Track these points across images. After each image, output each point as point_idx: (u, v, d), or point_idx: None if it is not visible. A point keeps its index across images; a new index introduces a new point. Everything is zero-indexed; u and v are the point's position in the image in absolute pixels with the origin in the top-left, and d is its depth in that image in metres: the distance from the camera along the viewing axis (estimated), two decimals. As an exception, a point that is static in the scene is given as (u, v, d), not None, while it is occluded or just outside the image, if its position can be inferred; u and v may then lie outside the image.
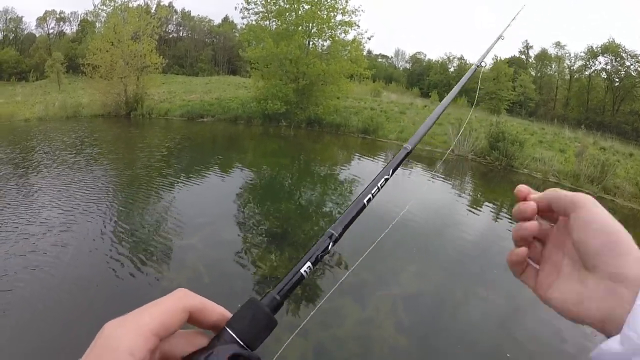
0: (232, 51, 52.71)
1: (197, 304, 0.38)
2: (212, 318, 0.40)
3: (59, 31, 61.22)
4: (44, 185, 8.99)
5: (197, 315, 0.39)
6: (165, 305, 0.36)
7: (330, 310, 4.81)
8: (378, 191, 0.60)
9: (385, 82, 46.77)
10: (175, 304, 0.37)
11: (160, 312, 0.35)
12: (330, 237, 0.51)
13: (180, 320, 0.37)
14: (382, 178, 0.62)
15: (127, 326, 0.33)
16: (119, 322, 0.33)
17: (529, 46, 51.77)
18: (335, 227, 0.52)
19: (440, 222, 8.78)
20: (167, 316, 0.35)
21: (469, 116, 22.61)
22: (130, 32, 21.86)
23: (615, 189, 12.97)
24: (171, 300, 0.37)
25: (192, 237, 6.58)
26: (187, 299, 0.38)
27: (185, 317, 0.37)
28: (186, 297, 0.38)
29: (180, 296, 0.38)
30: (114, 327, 0.33)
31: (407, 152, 0.71)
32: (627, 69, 39.99)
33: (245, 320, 0.39)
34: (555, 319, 5.27)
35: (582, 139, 21.73)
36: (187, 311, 0.37)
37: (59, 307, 4.57)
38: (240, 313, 0.40)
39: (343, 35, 21.45)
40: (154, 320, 0.34)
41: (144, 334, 0.33)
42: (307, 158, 14.82)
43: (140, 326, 0.33)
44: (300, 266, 0.47)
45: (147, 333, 0.33)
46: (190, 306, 0.38)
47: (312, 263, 0.47)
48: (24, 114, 20.50)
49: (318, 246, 0.49)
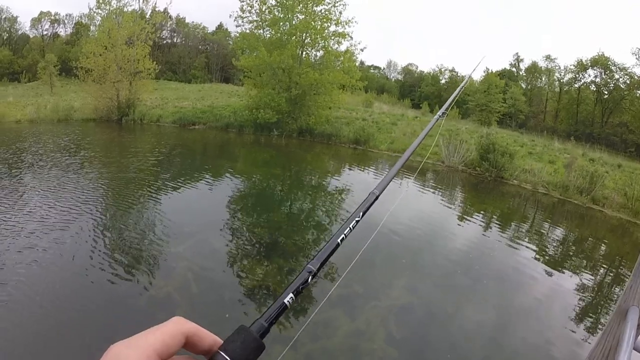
0: (226, 59, 52.74)
1: (192, 330, 0.42)
2: (205, 343, 0.43)
3: (53, 33, 60.68)
4: (32, 190, 8.84)
5: (191, 339, 0.42)
6: (166, 329, 0.40)
7: (320, 322, 4.77)
8: (350, 232, 0.69)
9: (377, 93, 47.11)
10: (175, 328, 0.41)
11: (162, 335, 0.39)
12: (309, 272, 0.58)
13: (179, 343, 0.40)
14: (354, 220, 0.71)
15: (133, 346, 0.36)
16: (124, 344, 0.36)
17: (519, 59, 52.64)
18: (313, 263, 0.59)
19: (431, 233, 8.79)
20: (168, 338, 0.39)
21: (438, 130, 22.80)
22: (125, 37, 21.82)
23: (604, 200, 13.15)
24: (170, 325, 0.41)
25: (181, 246, 6.50)
26: (184, 325, 0.42)
27: (182, 340, 0.41)
28: (183, 323, 0.42)
29: (178, 322, 0.42)
30: (120, 348, 0.36)
31: (375, 197, 0.83)
32: (616, 82, 40.74)
33: (236, 344, 0.43)
34: (546, 329, 5.29)
35: (572, 150, 22.04)
36: (184, 335, 0.41)
37: (47, 316, 4.46)
38: (232, 338, 0.44)
39: (336, 46, 21.66)
40: (157, 342, 0.38)
41: (148, 354, 0.36)
42: (298, 168, 14.81)
43: (145, 346, 0.37)
44: (284, 297, 0.52)
45: (150, 352, 0.36)
46: (186, 331, 0.42)
47: (294, 294, 0.53)
48: (15, 115, 20.29)
49: (298, 279, 0.56)
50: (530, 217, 11.51)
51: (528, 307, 5.86)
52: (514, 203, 13.00)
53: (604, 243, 10.12)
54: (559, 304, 6.14)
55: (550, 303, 6.12)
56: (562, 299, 6.29)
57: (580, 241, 10.02)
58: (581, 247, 9.61)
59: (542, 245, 9.01)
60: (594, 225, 11.62)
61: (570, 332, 5.32)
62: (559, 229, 10.70)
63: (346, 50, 21.71)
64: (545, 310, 5.87)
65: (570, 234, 10.46)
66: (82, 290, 5.06)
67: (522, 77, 52.02)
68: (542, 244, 9.08)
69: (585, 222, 11.84)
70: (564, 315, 5.78)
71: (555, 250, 8.93)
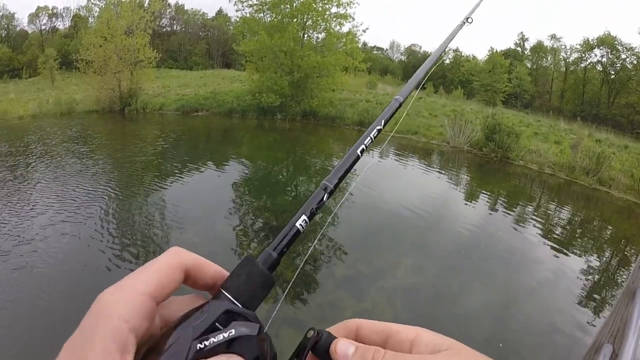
0: (227, 44, 52.14)
1: (191, 261, 0.37)
2: (208, 276, 0.38)
3: (51, 27, 60.17)
4: (40, 180, 8.94)
5: (192, 273, 0.37)
6: (160, 264, 0.35)
7: (326, 303, 4.82)
8: (371, 142, 0.59)
9: (380, 74, 46.59)
10: (170, 262, 0.35)
11: (155, 273, 0.34)
12: (325, 189, 0.49)
13: (177, 280, 0.35)
14: (375, 129, 0.61)
15: (122, 292, 0.31)
16: (113, 289, 0.32)
17: (524, 38, 51.66)
18: (329, 179, 0.50)
19: (436, 213, 8.79)
20: (162, 276, 0.34)
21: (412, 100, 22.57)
22: (124, 27, 21.62)
23: (611, 181, 13.04)
24: (165, 259, 0.35)
25: (189, 231, 6.56)
26: (181, 256, 0.36)
27: (180, 276, 0.36)
28: (180, 255, 0.37)
29: (174, 253, 0.36)
30: (109, 294, 0.31)
31: (398, 103, 0.70)
32: (622, 62, 39.91)
33: (240, 279, 0.38)
34: (552, 310, 5.31)
35: (578, 131, 21.78)
36: (182, 269, 0.36)
37: (52, 303, 4.54)
38: (236, 272, 0.38)
39: (338, 28, 21.34)
40: (149, 283, 0.33)
41: (138, 299, 0.31)
42: (303, 150, 14.77)
43: (134, 291, 0.32)
44: (295, 220, 0.45)
45: (142, 297, 0.31)
46: (185, 263, 0.36)
47: (308, 217, 0.45)
48: (17, 111, 20.31)
49: (313, 199, 0.47)
50: (536, 198, 11.46)
51: (534, 288, 5.88)
52: (519, 183, 12.94)
53: (610, 224, 10.07)
54: (564, 284, 6.15)
55: (556, 284, 6.13)
56: (568, 280, 6.29)
57: (587, 222, 9.97)
58: (587, 228, 9.58)
59: (548, 226, 8.99)
60: (600, 207, 11.55)
61: (576, 312, 5.33)
62: (565, 210, 10.65)
63: (348, 31, 21.42)
64: (551, 291, 5.89)
65: (577, 215, 10.42)
66: (89, 277, 5.14)
67: (527, 56, 51.14)
68: (548, 225, 9.06)
69: (592, 204, 11.77)
70: (569, 296, 5.79)
71: (561, 231, 8.91)
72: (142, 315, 0.31)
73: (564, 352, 4.47)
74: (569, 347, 4.53)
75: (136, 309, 0.31)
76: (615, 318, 1.24)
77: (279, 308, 4.23)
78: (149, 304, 0.32)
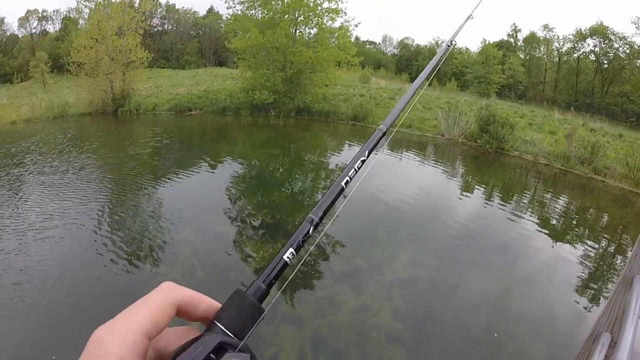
0: (219, 42, 51.84)
1: (184, 297, 0.38)
2: (200, 309, 0.39)
3: (41, 30, 59.40)
4: (35, 184, 8.86)
5: (185, 307, 0.38)
6: (153, 302, 0.36)
7: (326, 298, 4.81)
8: (355, 173, 0.61)
9: (374, 68, 46.51)
10: (163, 300, 0.36)
11: (148, 311, 0.35)
12: (310, 222, 0.51)
13: (169, 315, 0.36)
14: (359, 160, 0.63)
15: (116, 331, 0.32)
16: (107, 328, 0.33)
17: (517, 29, 51.65)
18: (315, 212, 0.52)
19: (432, 205, 8.81)
20: (155, 314, 0.35)
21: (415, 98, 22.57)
22: (115, 28, 21.39)
23: (606, 170, 13.10)
24: (158, 296, 0.36)
25: (185, 231, 6.52)
26: (174, 293, 0.38)
27: (173, 312, 0.37)
28: (173, 291, 0.38)
29: (167, 289, 0.38)
30: (103, 333, 0.32)
31: (382, 132, 0.71)
32: (615, 51, 39.97)
33: (232, 311, 0.39)
34: (549, 299, 5.33)
35: (572, 120, 21.87)
36: (174, 305, 0.37)
37: (50, 305, 4.50)
38: (227, 305, 0.40)
39: (330, 23, 21.23)
40: (142, 321, 0.34)
41: (132, 338, 0.32)
42: (297, 147, 14.74)
43: (129, 329, 0.33)
44: (283, 253, 0.47)
45: (135, 336, 0.32)
46: (177, 300, 0.37)
47: (295, 249, 0.48)
48: (10, 116, 20.06)
49: (299, 232, 0.49)
50: (532, 188, 11.50)
51: (530, 277, 5.90)
52: (515, 174, 12.98)
53: (606, 213, 10.11)
54: (561, 274, 6.17)
55: (552, 273, 6.16)
56: (565, 269, 6.32)
57: (582, 211, 10.01)
58: (583, 217, 9.62)
59: (543, 215, 9.02)
60: (595, 196, 11.60)
61: (573, 301, 5.36)
62: (560, 199, 10.69)
63: (340, 26, 21.32)
64: (547, 280, 5.91)
65: (572, 205, 10.46)
66: (88, 280, 5.11)
67: (520, 47, 51.17)
68: (544, 215, 9.09)
69: (587, 193, 11.82)
70: (566, 285, 5.82)
71: (557, 220, 8.94)
72: (136, 353, 0.32)
73: (560, 340, 4.49)
74: (566, 336, 4.55)
75: (130, 349, 0.31)
76: (612, 306, 1.23)
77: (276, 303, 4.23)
78: (142, 342, 0.33)
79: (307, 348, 4.03)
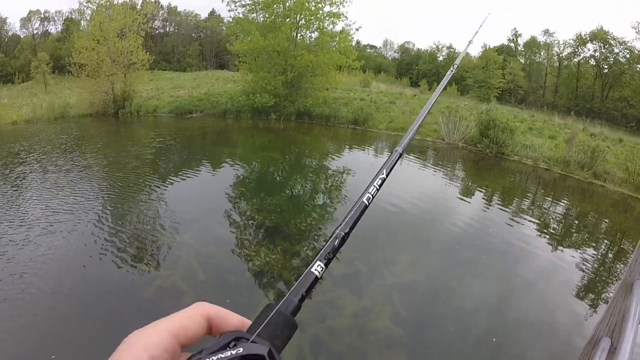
0: (220, 45, 51.97)
1: (213, 311, 0.41)
2: (231, 326, 0.41)
3: (43, 31, 59.52)
4: (35, 186, 8.87)
5: (215, 322, 0.41)
6: (184, 311, 0.39)
7: (325, 302, 4.81)
8: (377, 191, 0.63)
9: (374, 72, 46.60)
10: (193, 310, 0.40)
11: (178, 317, 0.38)
12: (339, 237, 0.54)
13: (200, 327, 0.39)
14: (378, 178, 0.65)
15: (147, 328, 0.36)
16: (141, 328, 0.36)
17: (517, 34, 51.80)
18: (342, 228, 0.55)
19: (432, 209, 8.82)
20: (184, 319, 0.38)
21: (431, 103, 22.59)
22: (116, 29, 21.47)
23: (606, 175, 13.11)
24: (189, 308, 0.40)
25: (185, 234, 6.53)
26: (204, 307, 0.41)
27: (203, 323, 0.40)
28: (203, 306, 0.41)
29: (198, 304, 0.41)
30: (136, 331, 0.36)
31: (398, 154, 0.75)
32: (615, 56, 40.09)
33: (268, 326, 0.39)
34: (549, 303, 5.33)
35: (572, 125, 21.91)
36: (205, 317, 0.40)
37: (55, 307, 4.51)
38: (260, 319, 0.40)
39: (331, 27, 21.34)
40: (171, 325, 0.37)
41: (160, 335, 0.36)
42: (298, 150, 14.76)
43: (156, 330, 0.36)
44: (312, 266, 0.49)
45: (163, 333, 0.36)
46: (207, 312, 0.40)
47: (324, 263, 0.50)
48: (11, 117, 20.09)
49: (328, 246, 0.52)
50: (532, 193, 11.51)
51: (530, 282, 5.90)
52: (515, 179, 12.99)
53: (606, 218, 10.11)
54: (561, 278, 6.17)
55: (552, 278, 6.16)
56: (564, 274, 6.32)
57: (582, 216, 10.02)
58: (583, 222, 9.62)
59: (543, 220, 9.03)
60: (595, 201, 11.60)
61: (572, 306, 5.36)
62: (560, 204, 10.70)
63: (341, 30, 21.45)
64: (547, 285, 5.91)
65: (572, 209, 10.46)
66: (88, 282, 5.11)
67: (521, 52, 51.31)
68: (544, 219, 9.10)
69: (587, 197, 11.82)
70: (566, 289, 5.81)
71: (557, 225, 8.95)
72: (162, 348, 0.35)
73: (560, 345, 4.49)
74: (566, 341, 4.55)
75: (156, 342, 0.35)
76: (612, 311, 1.24)
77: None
78: (169, 340, 0.36)
79: (306, 351, 4.03)
